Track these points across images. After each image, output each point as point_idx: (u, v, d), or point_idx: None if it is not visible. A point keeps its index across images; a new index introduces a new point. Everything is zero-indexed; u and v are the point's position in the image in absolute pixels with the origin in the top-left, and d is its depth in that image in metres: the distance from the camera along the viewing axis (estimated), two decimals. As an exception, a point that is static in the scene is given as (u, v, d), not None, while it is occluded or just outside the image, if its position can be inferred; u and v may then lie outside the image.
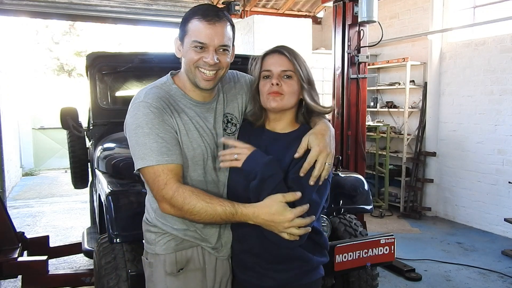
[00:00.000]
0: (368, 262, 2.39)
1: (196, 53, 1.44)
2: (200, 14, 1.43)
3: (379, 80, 6.82)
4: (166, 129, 1.41)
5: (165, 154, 1.38)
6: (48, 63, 14.65)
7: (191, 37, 1.43)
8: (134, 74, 3.39)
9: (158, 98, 1.44)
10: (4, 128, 6.61)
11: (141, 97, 1.45)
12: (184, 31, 1.46)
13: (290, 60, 1.49)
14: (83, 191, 5.05)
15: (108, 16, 6.85)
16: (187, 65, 1.48)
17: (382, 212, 6.01)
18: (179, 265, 1.53)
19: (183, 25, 1.47)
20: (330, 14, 6.74)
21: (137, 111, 1.42)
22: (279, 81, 1.48)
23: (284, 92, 1.48)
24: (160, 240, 1.53)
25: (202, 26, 1.41)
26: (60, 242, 4.75)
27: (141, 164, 1.40)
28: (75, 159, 4.22)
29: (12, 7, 6.25)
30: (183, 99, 1.52)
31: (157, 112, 1.41)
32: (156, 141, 1.38)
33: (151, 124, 1.39)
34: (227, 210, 1.35)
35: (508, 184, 5.06)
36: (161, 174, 1.38)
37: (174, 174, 1.39)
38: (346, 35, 4.08)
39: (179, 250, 1.53)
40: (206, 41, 1.42)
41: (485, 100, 5.35)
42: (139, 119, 1.41)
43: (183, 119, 1.48)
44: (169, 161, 1.38)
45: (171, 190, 1.37)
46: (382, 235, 2.46)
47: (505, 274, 4.00)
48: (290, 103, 1.51)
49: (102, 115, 2.98)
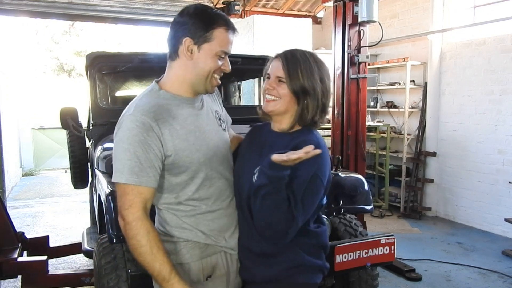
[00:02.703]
0: (368, 262, 2.38)
1: (219, 61, 1.47)
2: (225, 23, 1.46)
3: (379, 80, 6.81)
4: (145, 149, 1.35)
5: (135, 174, 1.34)
6: (48, 63, 14.65)
7: (218, 46, 1.44)
8: (134, 74, 3.39)
9: (149, 110, 1.39)
10: (4, 128, 6.61)
11: (130, 110, 1.41)
12: (206, 37, 1.43)
13: (284, 66, 1.48)
14: (83, 191, 5.04)
15: (108, 16, 6.84)
16: (203, 71, 1.46)
17: (382, 212, 6.01)
18: (206, 273, 1.51)
19: (203, 30, 1.42)
20: (330, 14, 6.75)
21: (122, 124, 1.40)
22: (273, 85, 1.50)
23: (278, 96, 1.49)
24: (182, 248, 1.50)
25: (229, 36, 1.46)
26: (60, 242, 4.74)
27: (113, 178, 1.38)
28: (75, 159, 4.22)
29: (12, 7, 6.24)
30: (173, 100, 1.48)
31: (142, 128, 1.36)
32: (131, 159, 1.35)
33: (131, 140, 1.35)
34: (162, 272, 1.34)
35: (508, 184, 5.06)
36: (130, 193, 1.36)
37: (141, 199, 1.36)
38: (346, 35, 4.07)
39: (204, 257, 1.51)
40: (229, 51, 1.48)
41: (486, 100, 5.34)
42: (122, 132, 1.38)
43: (178, 124, 1.44)
44: (137, 182, 1.35)
45: (132, 215, 1.35)
46: (382, 235, 2.45)
47: (505, 274, 4.00)
48: (283, 108, 1.50)
49: (102, 115, 2.97)
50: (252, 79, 6.05)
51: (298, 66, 1.48)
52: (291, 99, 1.49)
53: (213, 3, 7.27)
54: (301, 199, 1.38)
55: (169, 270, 1.35)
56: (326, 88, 1.52)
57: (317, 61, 1.51)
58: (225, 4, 7.12)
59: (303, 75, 1.47)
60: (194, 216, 1.50)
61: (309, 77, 1.48)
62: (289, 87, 1.48)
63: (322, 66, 1.52)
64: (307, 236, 1.51)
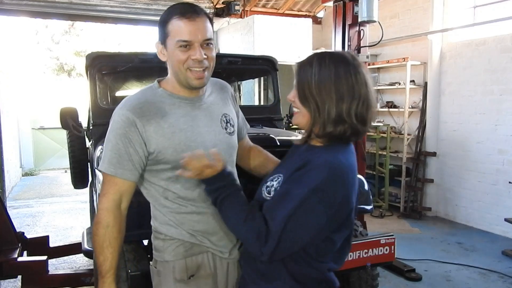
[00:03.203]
0: (368, 262, 2.39)
1: (183, 52, 1.41)
2: (178, 12, 1.40)
3: (379, 80, 6.81)
4: (125, 142, 1.40)
5: (112, 165, 1.41)
6: (48, 63, 14.64)
7: (175, 37, 1.40)
8: (134, 74, 3.39)
9: (136, 106, 1.43)
10: (4, 128, 6.61)
11: (121, 104, 1.46)
12: (165, 33, 1.43)
13: (295, 75, 1.35)
14: (83, 191, 5.04)
15: (108, 16, 6.83)
16: (175, 67, 1.45)
17: (382, 212, 6.01)
18: (190, 272, 1.51)
19: (162, 27, 1.44)
20: (330, 14, 6.75)
21: (112, 117, 1.46)
22: (292, 97, 1.36)
23: (297, 107, 1.35)
24: (169, 246, 1.51)
25: (183, 24, 1.39)
26: (60, 242, 4.75)
27: (99, 165, 1.48)
28: (75, 159, 4.22)
29: (12, 7, 6.24)
30: (170, 98, 1.48)
31: (125, 122, 1.40)
32: (111, 150, 1.42)
33: (114, 133, 1.42)
34: (101, 267, 1.41)
35: (508, 184, 5.06)
36: (106, 183, 1.43)
37: (115, 190, 1.42)
38: (346, 35, 4.07)
39: (189, 256, 1.51)
40: (191, 38, 1.39)
41: (486, 100, 5.34)
42: (111, 125, 1.45)
43: (166, 122, 1.43)
44: (113, 173, 1.41)
45: (102, 204, 1.42)
46: (382, 235, 2.46)
47: (505, 274, 4.00)
48: (299, 120, 1.35)
49: (102, 115, 2.97)
50: (252, 79, 6.03)
51: (307, 75, 1.30)
52: (306, 112, 1.32)
53: (213, 3, 7.26)
54: (280, 221, 1.22)
55: (107, 268, 1.41)
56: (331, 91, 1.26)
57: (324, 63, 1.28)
58: (225, 4, 7.13)
59: (313, 84, 1.28)
60: (179, 214, 1.50)
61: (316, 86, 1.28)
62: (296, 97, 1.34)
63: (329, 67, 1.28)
64: (309, 269, 1.33)
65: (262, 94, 6.41)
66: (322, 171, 1.22)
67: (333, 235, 1.31)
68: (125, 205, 1.46)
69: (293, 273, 1.32)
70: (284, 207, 1.22)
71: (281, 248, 1.24)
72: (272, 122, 3.44)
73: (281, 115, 3.55)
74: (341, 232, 1.32)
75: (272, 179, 1.37)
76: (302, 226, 1.23)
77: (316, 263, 1.33)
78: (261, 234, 1.23)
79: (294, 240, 1.25)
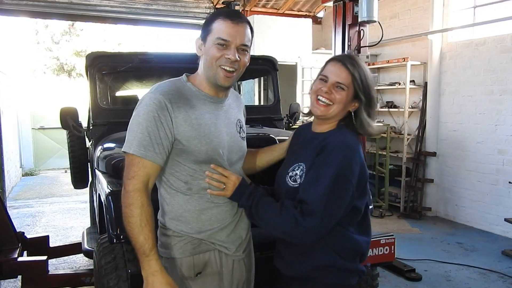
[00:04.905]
0: (368, 262, 2.39)
1: (219, 50, 1.47)
2: (224, 14, 1.51)
3: (379, 80, 6.81)
4: (157, 126, 1.42)
5: (143, 147, 1.41)
6: (48, 63, 14.63)
7: (215, 34, 1.48)
8: (134, 74, 3.39)
9: (168, 92, 1.47)
10: (4, 128, 6.61)
11: (152, 89, 1.50)
12: (207, 30, 1.51)
13: (350, 73, 1.50)
14: (83, 191, 5.05)
15: (108, 16, 6.84)
16: (208, 62, 1.50)
17: (382, 212, 6.01)
18: (197, 269, 1.53)
19: (206, 25, 1.52)
20: (330, 14, 6.75)
21: (142, 100, 1.47)
22: (331, 90, 1.51)
23: (334, 101, 1.51)
24: (177, 243, 1.53)
25: (226, 25, 1.47)
26: (60, 242, 4.75)
27: (123, 148, 1.46)
28: (75, 159, 4.22)
29: (12, 7, 6.24)
30: (197, 94, 1.53)
31: (157, 105, 1.43)
32: (142, 132, 1.42)
33: (146, 116, 1.43)
34: (144, 246, 1.40)
35: (508, 184, 5.06)
36: (135, 165, 1.43)
37: (145, 172, 1.43)
38: (346, 35, 4.07)
39: (196, 254, 1.53)
40: (229, 39, 1.47)
41: (485, 100, 5.35)
42: (140, 107, 1.46)
43: (194, 114, 1.48)
44: (143, 155, 1.41)
45: (132, 186, 1.42)
46: (382, 235, 2.46)
47: (505, 274, 4.00)
48: (335, 113, 1.53)
49: (102, 115, 2.97)
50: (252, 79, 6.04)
51: (363, 70, 1.51)
52: (345, 106, 1.52)
53: (213, 3, 7.27)
54: (320, 199, 1.39)
55: (151, 246, 1.41)
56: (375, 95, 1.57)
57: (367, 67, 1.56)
58: (225, 4, 7.13)
59: (368, 81, 1.52)
60: (198, 207, 1.52)
61: (369, 83, 1.52)
62: (351, 95, 1.50)
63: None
64: (344, 240, 1.51)
65: (262, 94, 6.42)
66: (341, 150, 1.45)
67: (357, 202, 1.50)
68: (151, 188, 1.47)
69: (331, 245, 1.50)
70: (320, 188, 1.40)
71: (325, 223, 1.41)
72: (272, 122, 3.44)
73: (281, 115, 3.55)
74: (363, 199, 1.53)
75: (293, 169, 1.53)
76: (338, 200, 1.42)
77: (349, 233, 1.52)
78: (298, 217, 1.40)
79: (334, 214, 1.43)
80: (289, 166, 1.57)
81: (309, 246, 1.50)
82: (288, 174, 1.54)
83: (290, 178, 1.53)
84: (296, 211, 1.41)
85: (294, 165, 1.54)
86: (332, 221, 1.43)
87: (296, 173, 1.52)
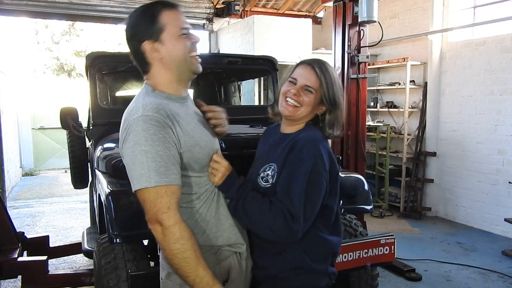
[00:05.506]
0: (368, 262, 2.39)
1: (187, 39, 1.43)
2: (163, 5, 1.42)
3: (379, 80, 6.81)
4: (166, 146, 1.30)
5: (163, 174, 1.28)
6: (48, 63, 14.63)
7: (174, 27, 1.40)
8: (134, 74, 3.37)
9: (159, 108, 1.34)
10: (4, 128, 6.61)
11: (139, 111, 1.33)
12: (158, 28, 1.39)
13: (318, 77, 1.53)
14: (83, 191, 5.05)
15: (108, 16, 6.84)
16: (178, 58, 1.42)
17: (382, 212, 6.01)
18: (223, 278, 1.48)
19: (151, 24, 1.39)
20: (330, 14, 6.74)
21: (133, 128, 1.31)
22: (300, 92, 1.53)
23: (302, 104, 1.53)
24: None
25: (175, 13, 1.42)
26: (60, 242, 4.76)
27: (138, 185, 1.29)
28: (75, 159, 4.22)
29: (12, 7, 6.25)
30: (170, 99, 1.44)
31: (158, 126, 1.30)
32: (154, 160, 1.28)
33: (151, 141, 1.28)
34: (206, 277, 1.29)
35: (508, 184, 5.06)
36: (164, 195, 1.28)
37: (176, 199, 1.31)
38: (346, 35, 4.07)
39: (219, 263, 1.48)
40: (187, 25, 1.43)
41: (485, 100, 5.35)
42: (136, 135, 1.30)
43: (183, 121, 1.41)
44: (167, 182, 1.29)
45: (173, 219, 1.28)
46: (382, 235, 2.45)
47: (505, 274, 4.00)
48: (303, 115, 1.55)
49: (102, 115, 2.97)
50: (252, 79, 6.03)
51: (331, 77, 1.54)
52: (313, 109, 1.55)
53: (213, 3, 7.27)
54: (299, 199, 1.40)
55: (211, 274, 1.30)
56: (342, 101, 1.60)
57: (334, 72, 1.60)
58: (225, 4, 7.13)
59: (335, 87, 1.55)
60: (209, 213, 1.47)
61: (335, 89, 1.55)
62: (319, 98, 1.53)
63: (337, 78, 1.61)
64: (316, 241, 1.52)
65: (262, 94, 6.41)
66: (311, 146, 1.47)
67: (330, 202, 1.52)
68: None
69: (302, 246, 1.49)
70: (297, 187, 1.41)
71: (307, 220, 1.43)
72: (272, 122, 3.44)
73: (281, 115, 3.55)
74: (334, 198, 1.56)
75: (265, 169, 1.53)
76: (315, 195, 1.45)
77: (322, 234, 1.53)
78: (287, 215, 1.39)
79: (313, 210, 1.45)
80: (259, 167, 1.56)
81: (286, 247, 1.50)
82: (259, 175, 1.53)
83: (262, 178, 1.52)
84: (285, 210, 1.40)
85: (265, 166, 1.54)
86: (312, 217, 1.46)
87: (268, 173, 1.51)
